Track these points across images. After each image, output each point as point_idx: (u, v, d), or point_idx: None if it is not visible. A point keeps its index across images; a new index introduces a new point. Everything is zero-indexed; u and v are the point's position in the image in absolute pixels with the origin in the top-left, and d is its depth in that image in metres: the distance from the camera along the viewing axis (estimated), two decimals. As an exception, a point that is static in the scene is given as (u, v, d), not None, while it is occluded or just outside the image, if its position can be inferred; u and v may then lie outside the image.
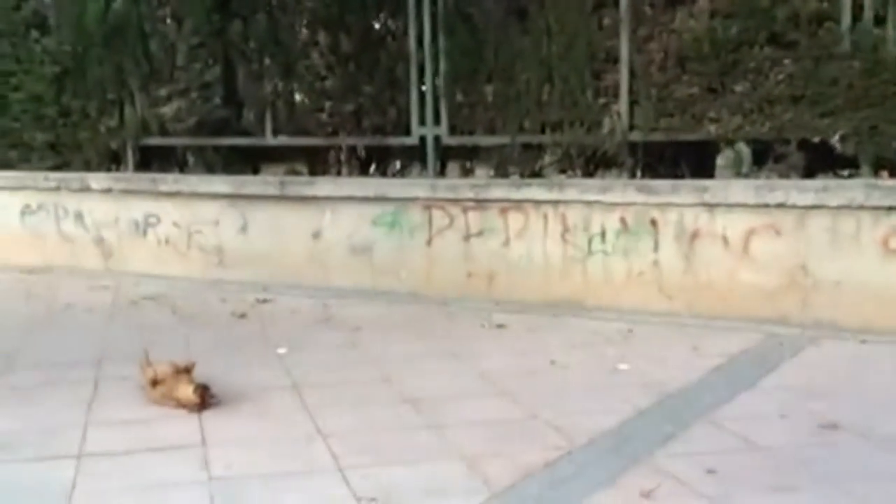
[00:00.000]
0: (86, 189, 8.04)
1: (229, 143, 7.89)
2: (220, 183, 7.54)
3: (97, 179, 8.04)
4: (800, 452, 3.51)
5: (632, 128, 6.14)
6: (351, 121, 7.29)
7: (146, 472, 3.50)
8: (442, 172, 7.15)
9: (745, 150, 5.79)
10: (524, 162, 6.61)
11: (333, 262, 6.95)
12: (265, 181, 7.51)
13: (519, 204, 6.23)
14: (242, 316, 6.19)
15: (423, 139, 7.03)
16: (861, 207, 5.13)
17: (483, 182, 6.65)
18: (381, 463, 3.50)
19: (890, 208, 5.07)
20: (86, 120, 8.22)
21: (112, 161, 8.32)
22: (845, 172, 5.55)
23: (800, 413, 3.95)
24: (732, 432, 3.73)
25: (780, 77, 5.55)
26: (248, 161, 8.00)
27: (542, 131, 6.49)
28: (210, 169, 8.01)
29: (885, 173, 5.44)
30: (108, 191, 7.94)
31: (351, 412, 4.13)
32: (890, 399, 4.16)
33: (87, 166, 8.28)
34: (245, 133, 7.80)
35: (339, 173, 7.48)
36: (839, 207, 5.18)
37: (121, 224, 7.86)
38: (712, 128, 5.82)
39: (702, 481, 3.22)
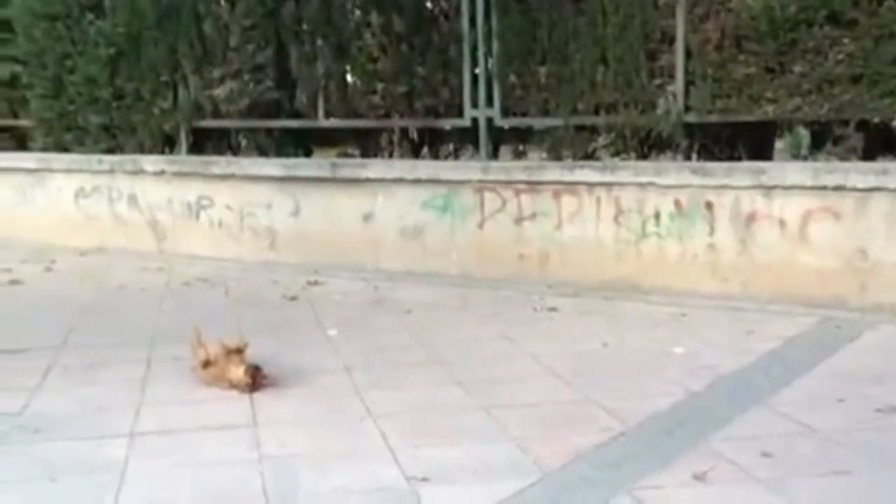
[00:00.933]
0: (139, 172, 8.55)
1: (281, 125, 8.31)
2: (272, 165, 7.97)
3: (151, 162, 8.54)
4: (856, 437, 3.68)
5: (687, 109, 6.38)
6: (403, 103, 7.61)
7: (198, 450, 3.69)
8: (494, 155, 7.46)
9: (804, 133, 5.99)
10: (577, 144, 6.90)
11: (384, 244, 7.32)
12: (317, 163, 7.93)
13: (572, 186, 6.53)
14: (293, 298, 6.55)
15: (475, 121, 7.33)
16: (921, 190, 5.33)
17: (535, 164, 6.97)
18: (432, 444, 3.67)
19: (952, 191, 5.25)
20: (139, 102, 8.72)
21: (165, 144, 8.82)
22: (901, 152, 5.74)
23: (857, 397, 4.13)
24: (788, 416, 3.92)
25: (840, 57, 5.73)
26: (300, 143, 8.44)
27: (596, 113, 6.77)
28: (262, 151, 8.45)
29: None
30: (161, 173, 8.44)
31: (401, 394, 4.35)
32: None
33: (141, 149, 8.79)
34: (297, 115, 8.19)
35: (390, 156, 7.83)
36: (900, 190, 5.39)
37: (174, 206, 8.35)
38: (770, 109, 6.03)
39: (757, 465, 3.40)
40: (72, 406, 4.26)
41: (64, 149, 9.23)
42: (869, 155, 5.91)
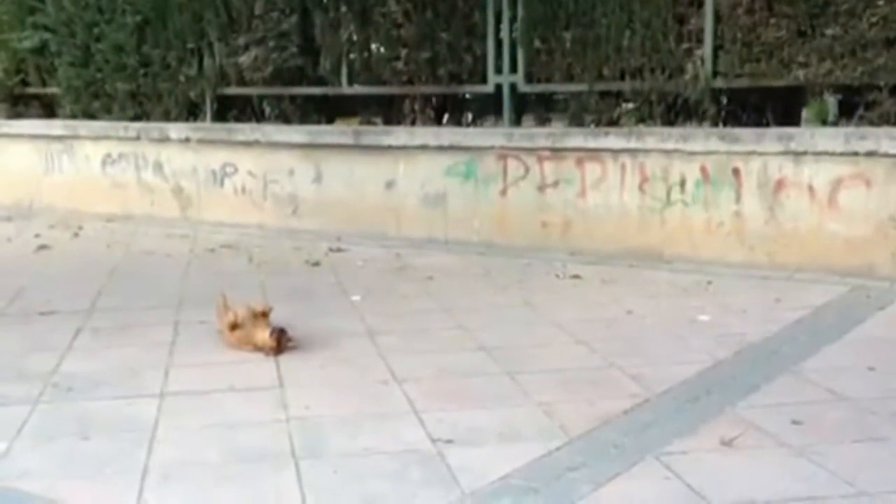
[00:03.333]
0: (165, 139, 8.54)
1: (305, 92, 8.24)
2: (296, 132, 7.91)
3: (176, 129, 8.51)
4: (889, 405, 3.56)
5: (715, 74, 6.23)
6: (426, 69, 7.51)
7: (226, 411, 3.70)
8: (518, 122, 7.36)
9: (831, 100, 5.81)
10: (602, 110, 6.77)
11: (407, 211, 7.27)
12: (340, 131, 7.88)
13: (596, 153, 6.42)
14: (316, 264, 6.53)
15: (498, 87, 7.23)
16: (957, 155, 5.17)
17: (559, 131, 6.84)
18: (457, 407, 3.65)
19: None
20: (166, 70, 8.69)
21: (190, 111, 8.78)
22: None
23: (889, 365, 4.02)
24: (817, 384, 3.82)
25: (874, 19, 5.55)
26: (323, 111, 8.37)
27: (622, 78, 6.63)
28: (286, 119, 8.39)
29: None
30: (186, 140, 8.41)
31: (426, 358, 4.31)
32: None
33: (167, 116, 8.77)
34: (321, 82, 8.11)
35: (413, 123, 7.74)
36: (934, 156, 5.23)
37: (199, 173, 8.34)
38: (801, 73, 5.87)
39: (786, 431, 3.32)
40: (102, 367, 4.28)
41: (91, 116, 9.24)
42: (901, 120, 5.74)
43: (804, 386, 3.84)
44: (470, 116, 7.99)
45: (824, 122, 6.08)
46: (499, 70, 7.20)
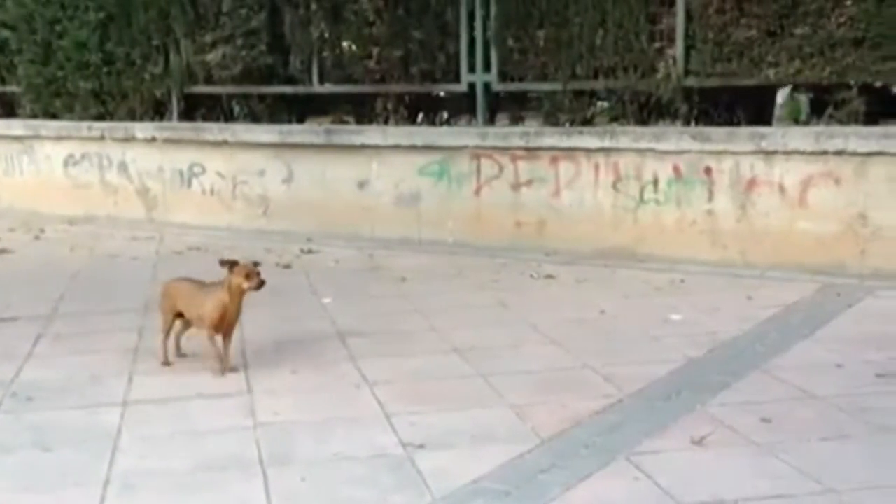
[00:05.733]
0: (130, 138, 8.54)
1: (275, 91, 8.29)
2: (266, 132, 7.96)
3: (142, 128, 8.52)
4: (855, 402, 3.71)
5: (687, 73, 6.38)
6: (399, 68, 7.59)
7: (192, 418, 3.70)
8: (491, 121, 7.45)
9: (803, 98, 6.00)
10: (576, 109, 6.88)
11: (380, 212, 7.35)
12: (311, 130, 7.93)
13: (570, 152, 6.55)
14: (287, 266, 6.56)
15: (472, 86, 7.32)
16: (923, 154, 5.37)
17: (533, 130, 6.96)
18: (429, 410, 3.68)
19: (953, 155, 5.30)
20: (130, 68, 8.69)
21: (156, 110, 8.78)
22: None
23: (856, 363, 4.17)
24: (787, 382, 3.95)
25: (842, 19, 5.73)
26: (294, 110, 8.41)
27: (595, 77, 6.75)
28: (255, 118, 8.43)
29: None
30: (152, 140, 8.43)
31: (398, 361, 4.37)
32: (948, 347, 4.38)
33: (132, 115, 8.76)
34: (291, 81, 8.17)
35: (386, 122, 7.80)
36: (900, 154, 5.42)
37: (165, 174, 8.36)
38: (771, 72, 6.03)
39: (755, 430, 3.44)
40: (63, 375, 4.26)
41: (52, 115, 9.21)
42: (871, 119, 5.91)
43: (774, 384, 3.97)
44: (444, 115, 8.07)
45: (797, 121, 6.26)
46: (472, 69, 7.29)
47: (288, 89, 8.22)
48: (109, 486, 3.12)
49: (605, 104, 6.91)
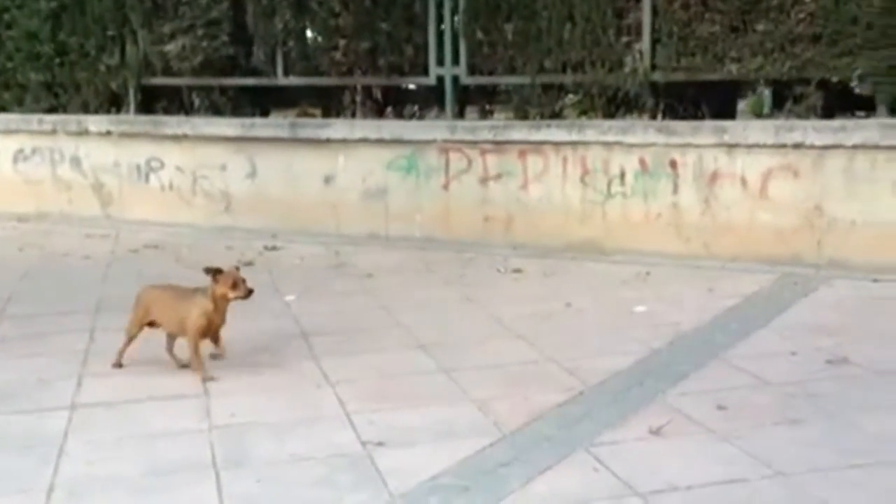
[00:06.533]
0: (84, 132, 8.64)
1: (237, 83, 8.46)
2: (228, 125, 8.10)
3: (96, 122, 8.63)
4: (808, 388, 4.02)
5: (653, 67, 6.71)
6: (366, 60, 7.79)
7: (144, 421, 3.75)
8: (460, 114, 7.71)
9: (766, 93, 6.38)
10: (544, 103, 7.18)
11: (346, 207, 7.56)
12: (275, 123, 8.12)
13: (538, 146, 6.84)
14: (249, 263, 6.63)
15: (440, 79, 7.56)
16: (876, 147, 5.76)
17: (502, 124, 7.25)
18: (390, 408, 3.82)
19: (905, 148, 5.68)
20: (84, 59, 8.80)
21: (112, 103, 8.91)
22: (862, 113, 6.14)
23: (810, 350, 4.50)
24: (743, 370, 4.26)
25: (801, 16, 6.10)
26: (258, 103, 8.59)
27: (563, 71, 7.05)
28: (217, 111, 8.58)
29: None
30: (107, 134, 8.54)
31: (361, 359, 4.51)
32: (897, 335, 4.74)
33: (86, 108, 8.87)
34: (254, 73, 8.34)
35: (353, 115, 8.02)
36: (855, 147, 5.81)
37: (121, 169, 8.48)
38: (734, 67, 6.39)
39: (711, 417, 3.70)
40: (9, 378, 4.30)
41: (2, 108, 9.27)
42: (828, 113, 6.31)
43: (731, 372, 4.28)
44: (412, 109, 8.25)
45: (759, 115, 6.62)
46: (441, 62, 7.53)
47: (251, 81, 8.38)
48: (54, 493, 3.18)
49: (573, 97, 7.19)
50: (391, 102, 8.20)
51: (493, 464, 3.35)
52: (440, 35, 7.53)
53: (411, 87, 8.24)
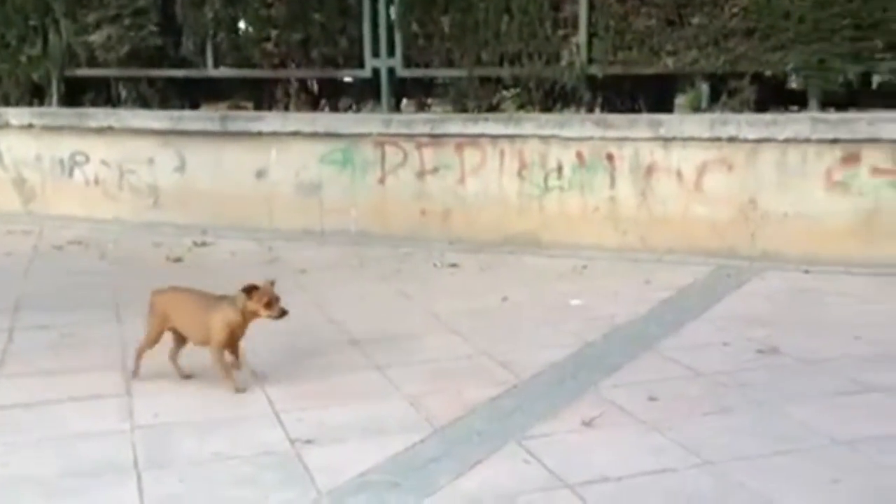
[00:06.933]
0: (4, 125, 8.40)
1: (166, 74, 8.29)
2: (155, 118, 7.95)
3: (17, 115, 8.40)
4: (739, 377, 4.11)
5: (590, 61, 6.74)
6: (299, 52, 7.71)
7: (63, 423, 3.70)
8: (397, 107, 7.67)
9: (704, 87, 6.48)
10: (482, 96, 7.18)
11: (279, 202, 7.47)
12: (205, 116, 7.97)
13: (475, 139, 6.84)
14: (178, 260, 6.61)
15: (376, 72, 7.51)
16: (807, 141, 5.89)
17: (438, 117, 7.22)
18: (321, 405, 3.81)
19: (834, 141, 5.83)
20: (4, 49, 8.56)
21: (34, 95, 8.67)
22: (795, 107, 6.27)
23: (741, 340, 4.60)
24: (676, 361, 4.33)
25: (735, 10, 6.19)
26: (187, 95, 8.43)
27: (501, 64, 7.05)
28: (144, 103, 8.39)
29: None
30: (29, 127, 8.31)
31: (292, 356, 4.49)
32: (827, 325, 4.88)
33: (6, 100, 8.64)
34: (183, 64, 8.18)
35: (286, 108, 7.91)
36: (787, 141, 5.93)
37: (44, 163, 8.26)
38: (669, 61, 6.46)
39: (643, 408, 3.76)
40: None
41: (-84, 101, 8.98)
42: (761, 107, 6.40)
43: (664, 363, 4.34)
44: (348, 102, 8.18)
45: (697, 110, 6.73)
46: (376, 54, 7.47)
47: (179, 73, 8.23)
48: (-34, 498, 3.10)
49: (510, 93, 7.21)
50: (327, 95, 8.12)
51: (424, 459, 3.34)
52: (375, 26, 7.46)
53: (348, 79, 8.15)
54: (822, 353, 4.40)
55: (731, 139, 6.06)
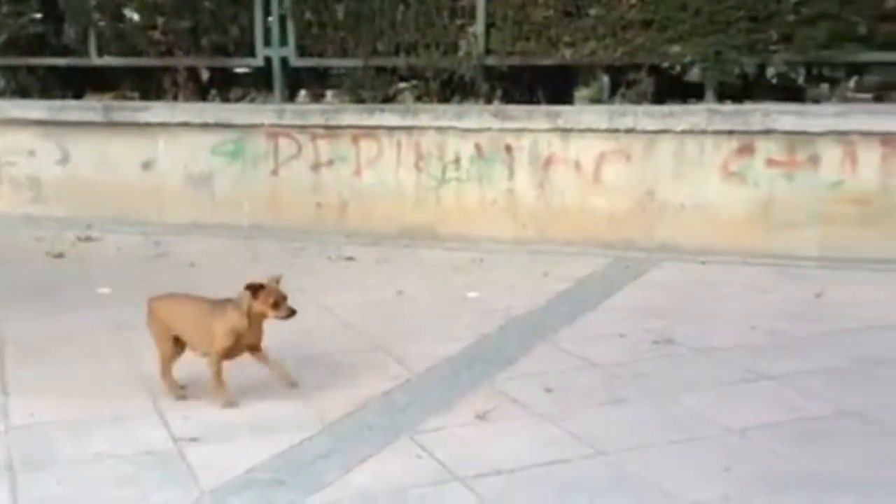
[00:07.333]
0: None
1: (46, 63, 7.92)
2: (36, 108, 7.58)
3: None
4: (634, 368, 4.09)
5: (488, 52, 6.67)
6: (188, 40, 7.46)
7: None
8: (291, 98, 7.48)
9: (604, 79, 6.49)
10: (378, 87, 7.03)
11: (168, 194, 7.21)
12: (87, 106, 7.61)
13: (371, 131, 6.68)
14: (59, 255, 6.31)
15: (268, 61, 7.30)
16: (704, 132, 5.94)
17: (333, 108, 7.04)
18: (207, 403, 3.68)
19: (730, 133, 5.89)
20: None
21: None
22: (693, 99, 6.32)
23: (637, 331, 4.58)
24: (572, 353, 4.28)
25: (633, 1, 6.20)
26: (70, 85, 8.06)
27: (397, 54, 6.92)
28: (24, 93, 8.01)
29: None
30: None
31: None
32: (721, 315, 4.89)
33: None
34: (66, 52, 7.84)
35: (175, 98, 7.65)
36: (684, 132, 5.97)
37: (-87, 155, 7.78)
38: (567, 52, 6.43)
39: (538, 400, 3.71)
40: None
41: None
42: (659, 99, 6.43)
43: (559, 355, 4.28)
44: (241, 92, 7.96)
45: (598, 102, 6.73)
46: (268, 42, 7.27)
47: (61, 61, 7.87)
48: None
49: (406, 85, 7.09)
50: (218, 85, 7.87)
51: (312, 455, 3.25)
52: (268, 14, 7.25)
53: (242, 69, 7.90)
54: (717, 343, 4.41)
55: (629, 130, 6.06)
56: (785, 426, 3.42)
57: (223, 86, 7.91)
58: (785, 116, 5.86)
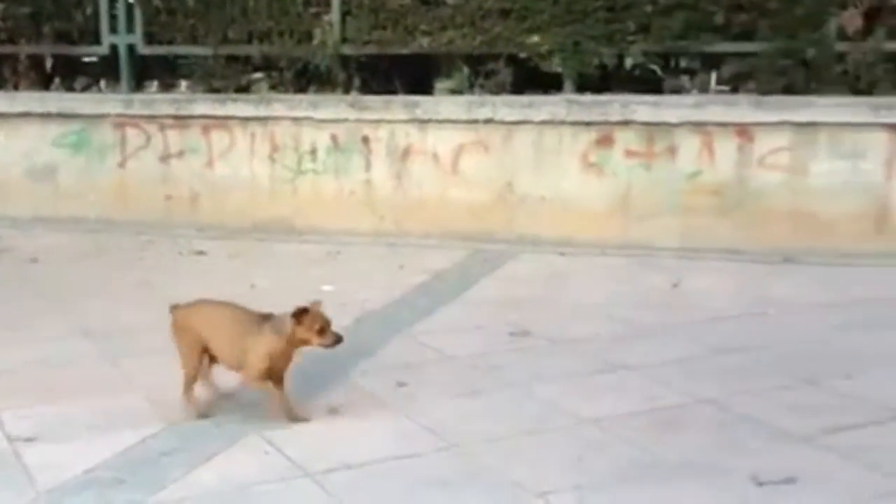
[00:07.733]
0: None
1: None
2: None
3: None
4: (489, 360, 4.08)
5: (344, 40, 6.56)
6: (28, 26, 7.13)
7: None
8: (139, 87, 7.18)
9: (465, 70, 6.46)
10: (230, 76, 6.83)
11: (8, 187, 6.86)
12: (-87, 94, 7.11)
13: (223, 121, 6.48)
14: None
15: (114, 48, 7.01)
16: (563, 123, 5.97)
17: (183, 97, 6.80)
18: (46, 401, 3.58)
19: (589, 124, 5.94)
20: None
21: None
22: (552, 90, 6.34)
23: (494, 323, 4.57)
24: (427, 345, 4.25)
25: (492, -10, 6.20)
26: None
27: (249, 42, 6.74)
28: None
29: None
30: None
31: (16, 350, 4.16)
32: (579, 306, 4.93)
33: None
34: None
35: (16, 87, 7.29)
36: (543, 123, 5.98)
37: None
38: (424, 41, 6.38)
39: (392, 394, 3.66)
40: None
41: None
42: (518, 90, 6.45)
43: (415, 348, 4.23)
44: (86, 81, 7.57)
45: (458, 93, 6.70)
46: (114, 29, 6.97)
47: None
48: None
49: (259, 75, 6.91)
50: (63, 74, 7.46)
51: (156, 454, 3.13)
52: (114, 0, 6.93)
53: (89, 58, 7.51)
54: (574, 334, 4.45)
55: (488, 121, 6.06)
56: (639, 416, 3.46)
57: (68, 75, 7.52)
58: (643, 107, 5.94)
